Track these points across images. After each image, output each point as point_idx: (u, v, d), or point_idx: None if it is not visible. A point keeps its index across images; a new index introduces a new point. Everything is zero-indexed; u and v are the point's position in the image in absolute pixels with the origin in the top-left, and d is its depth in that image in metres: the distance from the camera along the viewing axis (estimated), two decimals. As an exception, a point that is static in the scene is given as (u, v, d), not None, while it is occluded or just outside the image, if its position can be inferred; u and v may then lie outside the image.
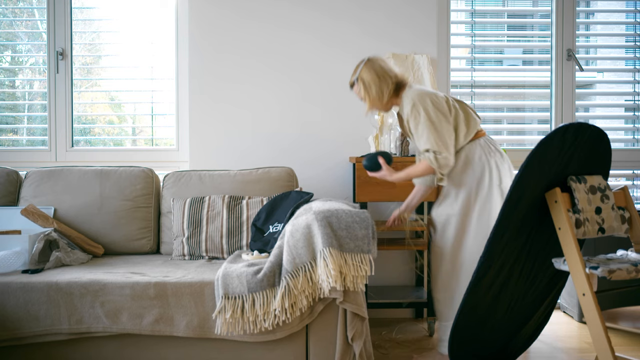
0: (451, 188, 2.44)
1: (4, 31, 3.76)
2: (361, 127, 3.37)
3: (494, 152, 2.41)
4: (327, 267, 2.08)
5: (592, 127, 2.11)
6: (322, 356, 2.22)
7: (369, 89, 2.46)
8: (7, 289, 2.21)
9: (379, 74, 2.45)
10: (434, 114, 2.34)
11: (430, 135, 2.32)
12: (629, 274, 1.97)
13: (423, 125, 2.34)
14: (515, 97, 3.93)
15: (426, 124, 2.33)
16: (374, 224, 2.21)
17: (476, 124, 2.44)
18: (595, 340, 1.98)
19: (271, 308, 2.15)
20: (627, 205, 2.22)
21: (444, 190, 2.49)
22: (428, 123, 2.33)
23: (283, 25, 3.38)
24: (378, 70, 2.45)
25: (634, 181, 3.67)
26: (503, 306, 2.26)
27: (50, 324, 2.19)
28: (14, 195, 2.99)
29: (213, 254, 2.77)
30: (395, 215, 2.73)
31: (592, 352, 2.72)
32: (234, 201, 2.86)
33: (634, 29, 3.67)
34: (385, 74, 2.44)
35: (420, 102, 2.36)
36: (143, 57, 3.54)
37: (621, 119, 4.21)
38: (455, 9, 3.57)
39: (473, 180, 2.38)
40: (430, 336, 2.99)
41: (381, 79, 2.44)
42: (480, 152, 2.39)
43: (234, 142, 3.38)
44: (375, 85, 2.45)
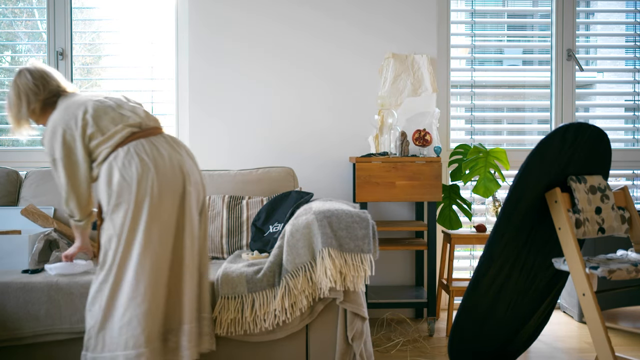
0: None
1: (4, 31, 3.76)
2: (361, 127, 3.37)
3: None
4: (327, 267, 2.08)
5: (592, 127, 2.11)
6: (322, 356, 2.22)
7: (9, 107, 2.15)
8: (7, 289, 2.20)
9: (20, 92, 2.11)
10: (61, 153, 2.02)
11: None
12: (629, 274, 1.97)
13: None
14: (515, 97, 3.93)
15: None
16: (374, 224, 2.21)
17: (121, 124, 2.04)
18: (595, 340, 1.98)
19: (271, 308, 2.15)
20: (627, 205, 2.22)
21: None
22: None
23: (283, 24, 3.38)
24: (21, 87, 2.11)
25: (634, 181, 3.67)
26: (503, 306, 2.26)
27: (50, 324, 2.19)
28: (14, 195, 2.99)
29: (213, 253, 2.77)
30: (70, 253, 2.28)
31: (592, 352, 2.72)
32: (234, 201, 2.86)
33: (634, 29, 3.67)
34: (28, 92, 2.10)
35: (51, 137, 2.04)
36: (143, 57, 3.54)
37: (621, 119, 4.21)
38: (455, 9, 3.57)
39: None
40: (430, 336, 2.99)
41: (21, 97, 2.11)
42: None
43: (233, 142, 3.38)
44: (14, 105, 2.13)
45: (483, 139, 3.61)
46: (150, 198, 1.93)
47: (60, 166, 2.03)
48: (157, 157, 1.99)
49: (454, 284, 3.18)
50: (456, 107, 3.73)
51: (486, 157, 3.11)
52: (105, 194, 1.97)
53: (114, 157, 1.97)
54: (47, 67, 2.20)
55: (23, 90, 2.11)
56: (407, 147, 3.05)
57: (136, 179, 1.93)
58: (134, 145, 1.98)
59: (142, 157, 1.96)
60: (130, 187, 1.93)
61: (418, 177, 2.92)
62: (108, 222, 1.97)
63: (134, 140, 2.00)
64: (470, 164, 3.11)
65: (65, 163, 2.02)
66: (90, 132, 2.00)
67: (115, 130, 2.01)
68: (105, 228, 1.98)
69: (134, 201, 1.92)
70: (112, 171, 1.96)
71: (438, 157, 2.95)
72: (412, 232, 3.39)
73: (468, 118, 3.63)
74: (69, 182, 2.03)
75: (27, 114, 2.13)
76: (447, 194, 3.24)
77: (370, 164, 2.92)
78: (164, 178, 1.96)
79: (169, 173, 1.98)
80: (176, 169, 2.01)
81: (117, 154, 1.97)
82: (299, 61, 3.39)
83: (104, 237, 1.98)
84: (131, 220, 1.92)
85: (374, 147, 3.25)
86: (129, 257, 1.92)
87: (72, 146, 2.02)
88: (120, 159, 1.96)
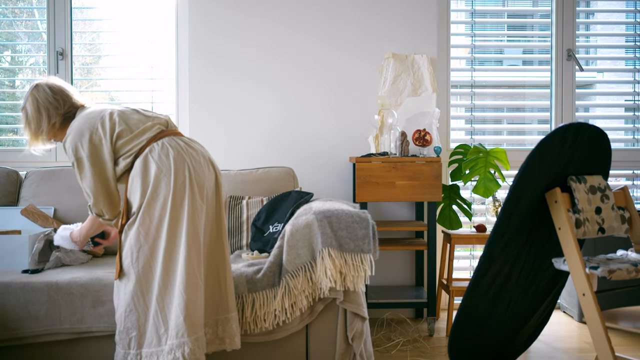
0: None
1: (4, 31, 3.76)
2: (361, 127, 3.37)
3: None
4: (327, 267, 2.08)
5: (592, 127, 2.11)
6: (322, 356, 2.22)
7: (27, 122, 2.13)
8: (7, 289, 2.20)
9: (39, 107, 2.10)
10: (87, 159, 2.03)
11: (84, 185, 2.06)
12: (629, 274, 1.97)
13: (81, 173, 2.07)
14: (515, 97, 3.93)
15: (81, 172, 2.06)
16: (374, 224, 2.21)
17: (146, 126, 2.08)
18: (595, 340, 1.98)
19: (271, 308, 2.15)
20: (627, 205, 2.22)
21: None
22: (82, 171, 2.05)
23: (284, 25, 3.38)
24: (41, 101, 2.10)
25: (634, 181, 3.67)
26: (503, 306, 2.26)
27: (50, 324, 2.19)
28: (14, 195, 2.99)
29: (213, 254, 2.77)
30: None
31: (592, 352, 2.72)
32: (234, 201, 2.86)
33: (634, 29, 3.67)
34: (49, 106, 2.10)
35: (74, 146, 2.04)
36: (143, 57, 3.54)
37: (621, 119, 4.21)
38: (455, 9, 3.57)
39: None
40: (430, 336, 2.99)
41: (41, 112, 2.10)
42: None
43: (233, 142, 3.38)
44: (34, 119, 2.11)
45: (483, 139, 3.61)
46: (190, 189, 1.96)
47: (87, 165, 2.01)
48: (191, 150, 2.04)
49: (454, 284, 3.18)
50: (456, 107, 3.73)
51: (486, 157, 3.11)
52: (139, 187, 1.97)
53: (149, 150, 2.00)
54: (63, 81, 2.21)
55: (43, 104, 2.10)
56: (407, 147, 3.05)
57: (174, 169, 1.96)
58: (167, 140, 2.03)
59: (177, 149, 2.00)
60: (169, 178, 1.95)
61: (418, 177, 2.92)
62: (144, 215, 1.95)
63: (166, 136, 2.05)
64: (470, 164, 3.11)
65: (92, 162, 2.01)
66: (119, 129, 2.02)
67: (145, 126, 2.04)
68: (140, 222, 1.96)
69: (172, 192, 1.94)
70: (149, 164, 1.98)
71: (438, 157, 2.95)
72: (412, 232, 3.39)
73: (468, 118, 3.63)
74: (98, 180, 2.02)
75: (48, 129, 2.12)
76: (447, 194, 3.24)
77: (370, 164, 2.92)
78: (199, 170, 2.02)
79: (203, 165, 2.04)
80: (207, 162, 2.09)
81: (153, 147, 2.00)
82: (299, 61, 3.39)
83: (136, 231, 1.96)
84: (171, 209, 1.93)
85: (374, 147, 3.25)
86: (177, 248, 1.93)
87: (98, 146, 2.02)
88: (156, 151, 1.99)
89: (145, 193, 1.96)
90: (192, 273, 1.92)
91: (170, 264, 1.93)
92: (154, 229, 1.95)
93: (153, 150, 2.00)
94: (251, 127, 3.38)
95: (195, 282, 1.93)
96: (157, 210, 1.95)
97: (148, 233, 1.95)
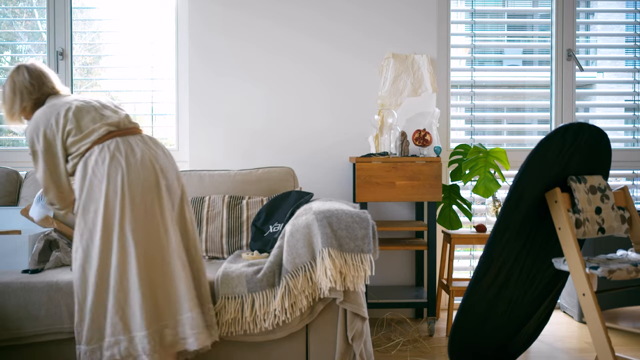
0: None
1: (4, 31, 3.76)
2: (361, 127, 3.37)
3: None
4: (327, 267, 2.08)
5: (592, 127, 2.11)
6: (322, 356, 2.22)
7: (3, 100, 2.23)
8: (7, 289, 2.21)
9: (15, 88, 2.18)
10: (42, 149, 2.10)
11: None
12: (629, 274, 1.97)
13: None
14: (515, 97, 3.93)
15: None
16: (374, 224, 2.21)
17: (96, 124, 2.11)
18: (595, 340, 1.98)
19: (271, 308, 2.15)
20: (627, 205, 2.22)
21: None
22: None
23: (283, 24, 3.38)
24: (17, 84, 2.18)
25: (634, 181, 3.67)
26: (503, 306, 2.26)
27: (51, 324, 2.20)
28: (14, 195, 2.99)
29: (213, 253, 2.77)
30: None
31: (592, 352, 2.72)
32: (234, 201, 2.86)
33: (634, 29, 3.67)
34: (23, 90, 2.17)
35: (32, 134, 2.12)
36: (143, 57, 3.54)
37: (621, 119, 4.21)
38: (455, 9, 3.57)
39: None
40: (430, 336, 2.99)
41: (16, 93, 2.18)
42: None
43: (233, 142, 3.38)
44: (8, 99, 2.20)
45: (483, 139, 3.61)
46: (122, 195, 1.99)
47: (40, 158, 2.10)
48: (130, 154, 2.05)
49: (454, 284, 3.18)
50: (456, 107, 3.73)
51: (486, 157, 3.11)
52: (78, 190, 2.05)
53: (89, 154, 2.05)
54: (46, 67, 2.26)
55: (18, 87, 2.19)
56: (407, 147, 3.05)
57: (106, 177, 2.00)
58: (108, 143, 2.06)
59: (114, 154, 2.03)
60: (101, 184, 2.00)
61: (418, 177, 2.92)
62: (80, 219, 2.03)
63: (110, 138, 2.07)
64: (470, 164, 3.11)
65: (45, 156, 2.09)
66: (69, 128, 2.08)
67: (93, 127, 2.09)
68: (77, 224, 2.04)
69: (104, 198, 1.99)
70: (87, 168, 2.04)
71: (438, 157, 2.95)
72: (412, 232, 3.39)
73: (468, 118, 3.63)
74: (49, 174, 2.11)
75: (19, 110, 2.20)
76: (447, 194, 3.24)
77: (370, 164, 2.92)
78: (135, 174, 2.02)
79: (140, 169, 2.04)
80: (148, 164, 2.06)
81: (93, 151, 2.05)
82: (299, 61, 3.39)
83: (76, 232, 2.04)
84: (103, 216, 1.98)
85: (374, 147, 3.25)
86: (109, 251, 1.97)
87: (52, 141, 2.09)
88: (94, 156, 2.04)
89: (81, 196, 2.03)
90: (125, 275, 1.96)
91: (104, 267, 1.97)
92: (88, 232, 2.01)
93: (92, 154, 2.05)
94: (251, 126, 3.38)
95: (128, 283, 1.96)
96: (90, 214, 2.01)
97: (82, 235, 2.02)
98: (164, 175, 2.10)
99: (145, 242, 2.00)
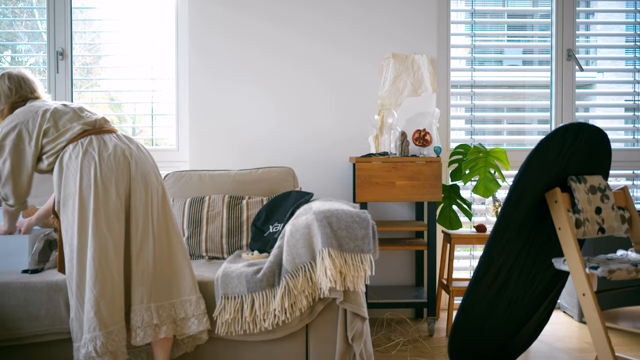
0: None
1: (4, 31, 3.76)
2: (361, 127, 3.37)
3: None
4: (327, 267, 2.08)
5: (592, 127, 2.11)
6: (322, 356, 2.22)
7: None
8: (7, 289, 2.21)
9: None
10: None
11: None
12: (629, 274, 1.97)
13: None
14: (515, 97, 3.93)
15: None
16: (374, 224, 2.21)
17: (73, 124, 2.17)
18: (595, 340, 1.98)
19: (271, 308, 2.15)
20: (627, 205, 2.22)
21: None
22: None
23: (283, 24, 3.38)
24: (1, 90, 2.29)
25: (634, 181, 3.67)
26: (503, 306, 2.26)
27: (50, 324, 2.20)
28: None
29: (213, 253, 2.77)
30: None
31: (592, 352, 2.72)
32: (234, 201, 2.86)
33: (634, 29, 3.67)
34: (2, 95, 2.27)
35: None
36: (143, 57, 3.54)
37: (621, 119, 4.21)
38: (455, 9, 3.57)
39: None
40: (430, 336, 2.99)
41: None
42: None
43: (234, 142, 3.38)
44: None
45: (483, 139, 3.61)
46: (95, 187, 2.04)
47: (6, 152, 2.15)
48: (102, 148, 2.12)
49: (454, 284, 3.18)
50: (456, 107, 3.73)
51: (486, 157, 3.11)
52: (56, 187, 2.10)
53: (64, 152, 2.11)
54: (29, 74, 2.37)
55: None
56: (407, 147, 3.05)
57: (79, 171, 2.05)
58: (82, 140, 2.12)
59: (87, 149, 2.10)
60: (75, 179, 2.05)
61: (418, 177, 2.92)
62: (62, 215, 2.08)
63: (85, 136, 2.13)
64: (470, 164, 3.11)
65: (12, 151, 2.15)
66: (46, 127, 2.14)
67: (70, 126, 2.15)
68: (61, 220, 2.09)
69: (79, 191, 2.04)
70: (62, 164, 2.10)
71: (438, 157, 2.95)
72: (412, 232, 3.39)
73: (468, 118, 3.63)
74: (11, 168, 2.15)
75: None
76: (447, 194, 3.24)
77: (370, 164, 2.92)
78: (107, 167, 2.07)
79: (112, 162, 2.09)
80: (120, 157, 2.11)
81: (67, 148, 2.12)
82: (299, 61, 3.39)
83: (62, 230, 2.09)
84: (79, 209, 2.03)
85: (374, 147, 3.25)
86: (85, 245, 2.02)
87: (23, 140, 2.15)
88: (68, 152, 2.10)
89: (60, 193, 2.09)
90: (102, 268, 1.99)
91: (82, 260, 2.02)
92: (70, 227, 2.06)
93: (66, 151, 2.11)
94: (251, 126, 3.38)
95: (105, 276, 1.99)
96: (69, 209, 2.06)
97: (67, 231, 2.07)
98: (138, 167, 2.14)
99: (119, 234, 2.05)
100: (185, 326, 2.12)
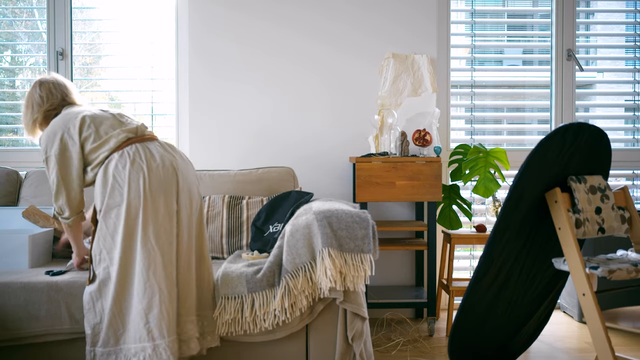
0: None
1: (4, 31, 3.76)
2: (361, 127, 3.37)
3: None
4: (327, 267, 2.08)
5: (592, 127, 2.11)
6: (322, 356, 2.22)
7: (23, 114, 2.34)
8: (7, 289, 2.20)
9: (27, 103, 2.30)
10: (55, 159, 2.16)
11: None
12: (629, 274, 1.97)
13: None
14: (515, 97, 3.93)
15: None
16: (374, 224, 2.21)
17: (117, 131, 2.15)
18: (595, 340, 1.98)
19: (271, 308, 2.15)
20: (627, 205, 2.22)
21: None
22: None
23: (283, 24, 3.38)
24: (29, 98, 2.30)
25: (634, 181, 3.67)
26: (503, 306, 2.26)
27: (50, 324, 2.19)
28: (14, 195, 2.99)
29: (213, 253, 2.77)
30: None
31: (592, 352, 2.72)
32: (234, 201, 2.86)
33: (634, 29, 3.67)
34: (33, 103, 2.28)
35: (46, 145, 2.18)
36: (143, 57, 3.54)
37: (621, 119, 4.21)
38: (455, 9, 3.57)
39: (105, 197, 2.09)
40: (430, 336, 2.99)
41: (28, 107, 2.30)
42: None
43: (234, 142, 3.38)
44: (24, 113, 2.33)
45: (483, 139, 3.61)
46: (144, 199, 2.01)
47: (53, 162, 2.14)
48: (150, 159, 2.09)
49: (454, 284, 3.18)
50: (456, 107, 3.73)
51: (486, 157, 3.11)
52: (99, 196, 2.07)
53: (109, 161, 2.08)
54: (62, 79, 2.35)
55: (30, 101, 2.31)
56: (407, 147, 3.05)
57: (127, 181, 2.02)
58: (128, 149, 2.09)
59: (134, 159, 2.07)
60: (122, 189, 2.02)
61: (418, 177, 2.92)
62: (102, 223, 2.06)
63: (129, 145, 2.11)
64: (470, 164, 3.11)
65: (58, 160, 2.13)
66: (86, 133, 2.12)
67: (112, 134, 2.13)
68: (99, 229, 2.07)
69: (126, 203, 2.01)
70: (107, 174, 2.06)
71: (438, 157, 2.95)
72: (412, 232, 3.39)
73: (468, 118, 3.63)
74: (61, 178, 2.14)
75: (32, 122, 2.30)
76: (447, 194, 3.24)
77: (370, 164, 2.92)
78: (155, 178, 2.05)
79: (161, 173, 2.07)
80: (168, 168, 2.10)
81: (112, 157, 2.08)
82: (299, 61, 3.39)
83: (97, 238, 2.07)
84: (125, 220, 2.00)
85: (374, 147, 3.25)
86: (132, 257, 2.00)
87: (67, 146, 2.13)
88: (114, 161, 2.07)
89: (103, 202, 2.06)
90: (150, 282, 1.98)
91: (126, 271, 2.01)
92: (110, 237, 2.04)
93: (112, 160, 2.08)
94: (251, 126, 3.38)
95: (154, 290, 1.98)
96: (112, 219, 2.04)
97: (105, 239, 2.05)
98: (184, 179, 2.14)
99: (169, 247, 2.04)
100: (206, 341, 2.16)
